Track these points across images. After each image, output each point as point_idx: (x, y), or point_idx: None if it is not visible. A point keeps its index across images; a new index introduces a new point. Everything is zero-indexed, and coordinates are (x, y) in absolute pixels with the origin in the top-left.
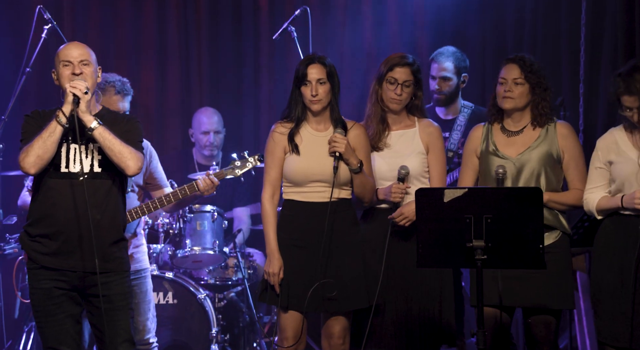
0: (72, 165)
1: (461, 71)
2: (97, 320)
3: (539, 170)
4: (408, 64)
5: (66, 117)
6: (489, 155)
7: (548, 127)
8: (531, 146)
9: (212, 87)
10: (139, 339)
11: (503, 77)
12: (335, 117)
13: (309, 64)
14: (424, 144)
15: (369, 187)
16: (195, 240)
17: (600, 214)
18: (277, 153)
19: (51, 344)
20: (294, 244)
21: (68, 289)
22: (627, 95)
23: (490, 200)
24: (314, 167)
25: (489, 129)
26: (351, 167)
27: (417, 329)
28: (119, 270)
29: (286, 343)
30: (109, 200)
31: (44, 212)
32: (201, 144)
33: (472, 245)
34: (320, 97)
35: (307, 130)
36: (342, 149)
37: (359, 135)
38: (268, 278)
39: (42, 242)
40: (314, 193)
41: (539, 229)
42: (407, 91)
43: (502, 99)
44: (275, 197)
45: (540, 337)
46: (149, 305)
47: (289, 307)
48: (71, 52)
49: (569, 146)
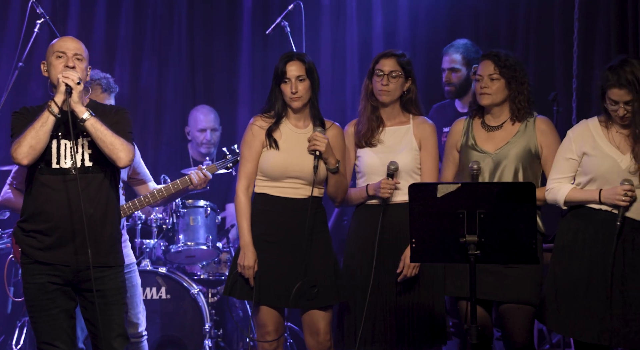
0: (63, 161)
1: (471, 63)
2: (91, 315)
3: (516, 165)
4: (394, 55)
5: (58, 107)
6: (468, 150)
7: (527, 123)
8: (510, 142)
9: (207, 83)
10: (132, 332)
11: (479, 74)
12: (315, 114)
13: (287, 61)
14: (417, 140)
15: (342, 188)
16: (189, 235)
17: (567, 205)
18: (255, 146)
19: (45, 339)
20: (265, 239)
21: (62, 283)
22: (616, 88)
23: (484, 195)
24: (293, 163)
25: (469, 123)
26: (329, 166)
27: (409, 326)
28: (113, 264)
29: (268, 337)
30: (101, 194)
31: (37, 208)
32: (198, 142)
33: (465, 241)
34: (301, 94)
35: (287, 126)
36: (323, 148)
37: (336, 135)
38: (242, 271)
39: (36, 237)
40: (289, 189)
41: (532, 224)
42: (394, 82)
43: (479, 95)
44: (250, 189)
45: (514, 332)
46: (139, 298)
47: (261, 302)
48: (67, 44)
49: (547, 142)
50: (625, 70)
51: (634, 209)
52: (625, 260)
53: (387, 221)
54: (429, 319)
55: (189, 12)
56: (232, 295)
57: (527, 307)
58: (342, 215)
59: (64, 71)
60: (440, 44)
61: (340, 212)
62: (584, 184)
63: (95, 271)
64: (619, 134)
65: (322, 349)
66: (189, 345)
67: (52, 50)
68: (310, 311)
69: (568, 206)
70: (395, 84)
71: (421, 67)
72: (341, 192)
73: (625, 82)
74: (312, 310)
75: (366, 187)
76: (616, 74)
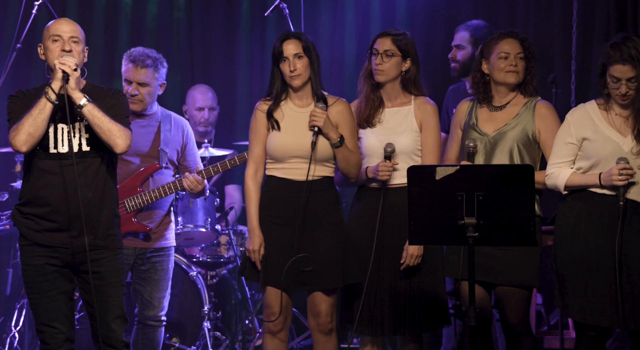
0: (61, 146)
1: (479, 41)
2: (89, 297)
3: (512, 148)
4: (390, 34)
5: (55, 94)
6: (468, 129)
7: (528, 106)
8: (508, 124)
9: (205, 63)
10: (152, 315)
11: (505, 52)
12: (314, 91)
13: (284, 40)
14: (418, 122)
15: (353, 162)
16: (188, 217)
17: (567, 190)
18: (259, 130)
19: (44, 321)
20: (273, 221)
21: (60, 265)
22: (619, 64)
23: (482, 177)
24: (293, 143)
25: (474, 104)
26: (331, 141)
27: (410, 309)
28: (111, 247)
29: (273, 318)
30: (98, 178)
31: (35, 193)
32: (195, 121)
33: (463, 223)
34: (300, 72)
35: (289, 106)
36: (321, 123)
37: (341, 111)
38: (249, 255)
39: (34, 220)
40: (293, 169)
41: (530, 206)
42: (389, 61)
43: (505, 73)
44: (258, 174)
45: (511, 315)
46: (168, 283)
47: (267, 283)
48: (62, 27)
49: (547, 126)
50: (628, 46)
51: (637, 191)
52: (630, 243)
53: (387, 204)
54: (430, 301)
55: None
56: (244, 277)
57: (522, 290)
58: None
59: (61, 57)
60: (440, 25)
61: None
62: (586, 169)
63: (93, 253)
64: (618, 116)
65: (322, 331)
66: (188, 327)
67: (47, 34)
68: (314, 293)
69: (568, 191)
70: (389, 63)
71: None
72: (353, 167)
73: (628, 57)
74: (315, 291)
75: (365, 170)
76: (619, 50)
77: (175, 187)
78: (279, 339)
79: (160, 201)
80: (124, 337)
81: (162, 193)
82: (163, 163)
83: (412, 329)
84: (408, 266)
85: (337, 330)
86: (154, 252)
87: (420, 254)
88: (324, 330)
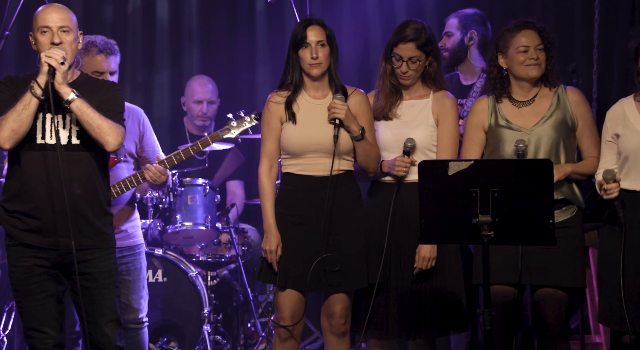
0: (49, 137)
1: (467, 27)
2: (80, 299)
3: (557, 140)
4: (412, 39)
5: (41, 89)
6: (500, 129)
7: (559, 95)
8: (545, 116)
9: (205, 53)
10: (132, 318)
11: (524, 45)
12: (335, 82)
13: (307, 25)
14: (435, 116)
15: (373, 156)
16: (187, 215)
17: None
18: (273, 123)
19: (32, 325)
20: (293, 221)
21: (49, 266)
22: None
23: (498, 173)
24: (312, 137)
25: (494, 101)
26: (352, 134)
27: (422, 311)
28: (103, 246)
29: (283, 323)
30: (89, 174)
31: (20, 187)
32: (193, 114)
33: (478, 221)
34: (321, 61)
35: (305, 98)
36: (342, 116)
37: (359, 102)
38: (265, 256)
39: (20, 218)
40: (312, 165)
41: (549, 203)
42: (414, 67)
43: (526, 66)
44: (273, 170)
45: (550, 317)
46: (143, 283)
47: (287, 286)
48: (50, 16)
49: (582, 113)
50: None
51: None
52: None
53: (400, 200)
54: (444, 305)
55: None
56: (259, 280)
57: (561, 293)
58: None
59: (47, 50)
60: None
61: None
62: (621, 165)
63: (84, 254)
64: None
65: (335, 332)
66: (187, 331)
67: (36, 24)
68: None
69: None
70: (415, 69)
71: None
72: (372, 161)
73: None
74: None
75: (380, 164)
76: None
77: (137, 181)
78: (292, 341)
79: (121, 197)
80: (118, 341)
81: (124, 188)
82: (121, 156)
83: (423, 333)
84: (421, 270)
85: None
86: (122, 252)
87: (433, 257)
88: (337, 332)
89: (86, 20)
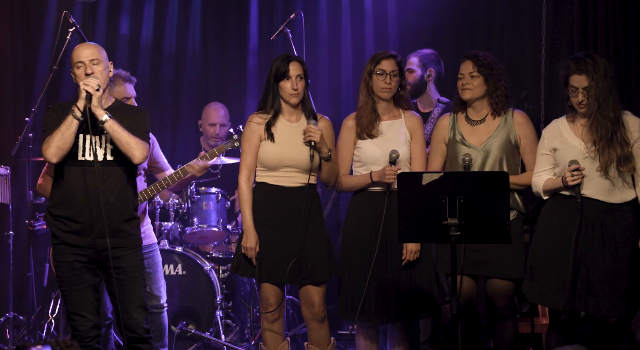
0: (88, 155)
1: (426, 65)
2: (113, 289)
3: (500, 156)
4: (392, 56)
5: (80, 112)
6: (456, 144)
7: (506, 117)
8: (492, 135)
9: (219, 83)
10: (155, 304)
11: (461, 73)
12: (308, 109)
13: (289, 61)
14: (409, 133)
15: (334, 173)
16: (202, 218)
17: (546, 194)
18: (253, 140)
19: (74, 310)
20: (267, 224)
21: (87, 262)
22: (576, 74)
23: (463, 183)
24: (288, 154)
25: (454, 119)
26: (322, 155)
27: (408, 300)
28: (131, 245)
29: (270, 308)
30: (120, 185)
31: (63, 196)
32: (208, 135)
33: (447, 223)
34: (299, 91)
35: (281, 121)
36: (317, 139)
37: (326, 127)
38: (245, 252)
39: (63, 222)
40: (285, 177)
41: (505, 208)
42: (395, 80)
43: (461, 90)
44: (250, 179)
45: (499, 302)
46: (161, 274)
47: (263, 280)
48: (82, 53)
49: (525, 133)
50: (586, 61)
51: (599, 191)
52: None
53: (389, 207)
54: (422, 292)
55: (204, 20)
56: (237, 273)
57: (507, 282)
58: (339, 200)
59: (85, 79)
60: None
61: (336, 197)
62: (559, 175)
63: (117, 251)
64: (582, 126)
65: (317, 319)
66: (203, 316)
67: (72, 61)
68: (306, 286)
69: (548, 195)
70: (395, 82)
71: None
72: (333, 177)
73: (584, 68)
74: (308, 285)
75: (370, 174)
76: (577, 63)
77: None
78: (274, 329)
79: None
80: (145, 323)
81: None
82: (141, 170)
83: (409, 316)
84: (409, 261)
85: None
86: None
87: (418, 249)
88: (317, 318)
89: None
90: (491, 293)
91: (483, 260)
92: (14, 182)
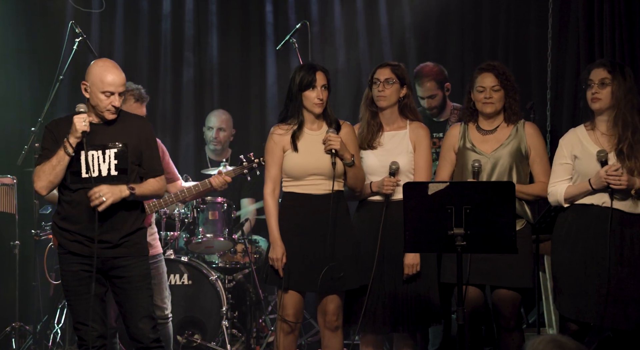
0: (92, 171)
1: (442, 82)
2: (120, 299)
3: (510, 164)
4: (389, 65)
5: (72, 148)
6: (466, 151)
7: (518, 127)
8: (503, 143)
9: (223, 91)
10: (159, 315)
11: (481, 86)
12: (330, 117)
13: (316, 70)
14: (413, 144)
15: (360, 178)
16: (208, 228)
17: (568, 202)
18: (276, 152)
19: (80, 320)
20: (294, 233)
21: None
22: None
23: (469, 192)
24: (311, 162)
25: (465, 128)
26: (346, 161)
27: (406, 309)
28: (137, 254)
29: (287, 318)
30: (125, 198)
31: (69, 211)
32: (207, 139)
33: (453, 233)
34: (324, 101)
35: (304, 130)
36: (338, 146)
37: (348, 132)
38: (272, 263)
39: (68, 231)
40: (312, 185)
41: (511, 218)
42: (390, 88)
43: (482, 104)
44: (275, 191)
45: (506, 313)
46: (165, 285)
47: (289, 288)
48: (114, 80)
49: (535, 144)
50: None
51: (620, 200)
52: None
53: (388, 216)
54: (424, 303)
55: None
56: (266, 283)
57: (514, 292)
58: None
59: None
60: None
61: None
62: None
63: (122, 260)
64: (603, 135)
65: (330, 327)
66: (209, 325)
67: (101, 84)
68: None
69: (569, 203)
70: (390, 90)
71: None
72: (360, 182)
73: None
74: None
75: (370, 185)
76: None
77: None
78: (293, 335)
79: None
80: (152, 333)
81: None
82: None
83: (408, 326)
84: (408, 275)
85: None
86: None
87: (416, 263)
88: (330, 327)
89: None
90: (497, 303)
91: (490, 269)
92: (20, 191)
